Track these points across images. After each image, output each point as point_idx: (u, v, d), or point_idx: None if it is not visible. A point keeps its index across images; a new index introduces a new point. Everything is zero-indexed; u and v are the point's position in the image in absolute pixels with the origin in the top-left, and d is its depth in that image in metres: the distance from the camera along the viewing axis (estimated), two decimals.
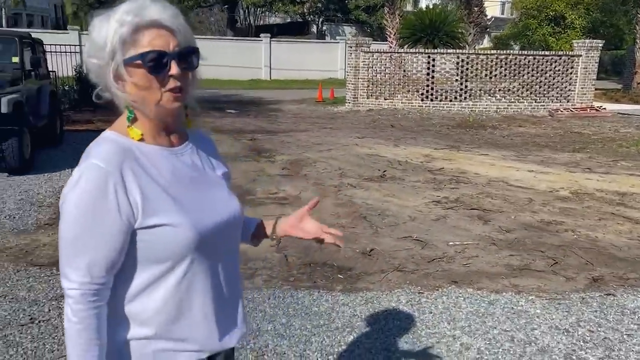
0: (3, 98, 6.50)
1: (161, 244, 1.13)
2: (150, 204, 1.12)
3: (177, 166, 1.20)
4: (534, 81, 15.24)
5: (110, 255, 1.11)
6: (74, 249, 1.10)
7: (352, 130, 11.60)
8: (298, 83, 25.64)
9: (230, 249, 1.29)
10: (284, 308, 3.42)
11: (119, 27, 1.10)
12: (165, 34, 1.13)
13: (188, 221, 1.14)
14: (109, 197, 1.09)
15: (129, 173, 1.11)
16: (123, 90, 1.14)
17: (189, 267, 1.17)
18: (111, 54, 1.11)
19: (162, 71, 1.12)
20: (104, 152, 1.12)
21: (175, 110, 1.18)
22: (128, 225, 1.11)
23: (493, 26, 35.61)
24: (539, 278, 4.00)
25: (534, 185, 6.90)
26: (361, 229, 5.08)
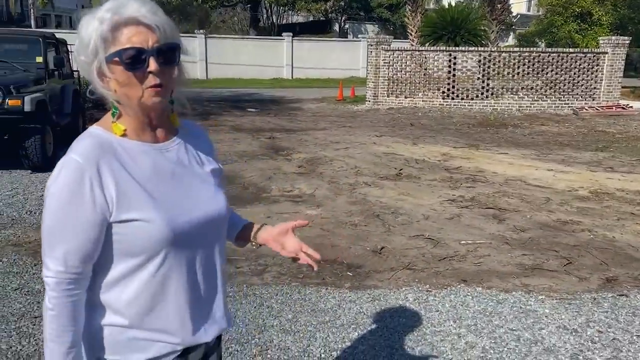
0: (27, 97, 6.67)
1: (134, 239, 1.16)
2: (125, 199, 1.14)
3: (158, 162, 1.22)
4: (558, 79, 14.98)
5: (85, 246, 1.14)
6: (52, 239, 1.15)
7: (371, 129, 11.58)
8: (320, 82, 25.67)
9: (211, 246, 1.29)
10: (290, 304, 3.45)
11: (100, 25, 1.13)
12: (144, 30, 1.14)
13: (162, 217, 1.16)
14: (85, 191, 1.12)
15: (106, 168, 1.14)
16: (107, 87, 1.17)
17: (163, 262, 1.19)
18: (94, 52, 1.14)
19: (140, 68, 1.14)
20: (83, 148, 1.16)
21: (157, 106, 1.19)
22: (103, 219, 1.14)
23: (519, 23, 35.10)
24: (550, 278, 3.95)
25: (552, 184, 6.79)
26: (373, 227, 5.08)
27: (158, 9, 1.17)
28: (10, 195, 5.85)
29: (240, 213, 1.56)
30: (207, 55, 26.50)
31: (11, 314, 3.25)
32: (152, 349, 1.21)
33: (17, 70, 7.45)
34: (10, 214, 5.24)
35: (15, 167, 6.94)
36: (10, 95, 6.57)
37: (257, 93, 20.00)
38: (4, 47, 8.08)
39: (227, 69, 26.34)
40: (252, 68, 26.73)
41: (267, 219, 5.25)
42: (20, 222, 4.99)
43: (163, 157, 1.24)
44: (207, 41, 26.69)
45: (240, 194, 6.16)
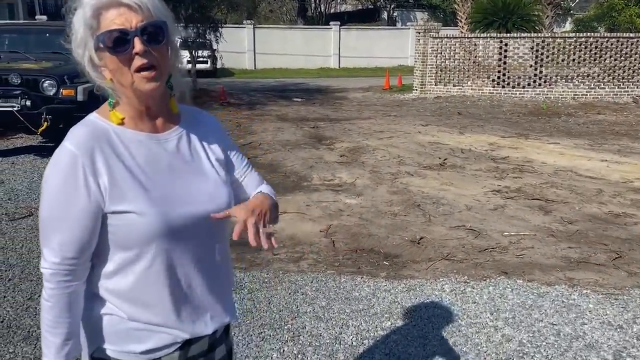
0: (79, 87, 6.94)
1: (127, 231, 1.13)
2: (117, 190, 1.12)
3: (155, 153, 1.18)
4: (618, 65, 14.24)
5: (80, 236, 1.12)
6: (48, 229, 1.14)
7: (417, 118, 11.40)
8: (367, 71, 25.47)
9: (210, 241, 1.24)
10: (325, 292, 3.45)
11: (82, 12, 1.10)
12: (125, 11, 1.09)
13: (155, 210, 1.13)
14: (78, 180, 1.10)
15: (100, 157, 1.12)
16: (101, 76, 1.15)
17: (158, 255, 1.16)
18: (83, 42, 1.12)
19: (125, 50, 1.09)
20: (78, 136, 1.13)
21: (153, 92, 1.14)
22: (97, 208, 1.12)
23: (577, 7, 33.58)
24: (597, 272, 3.78)
25: (605, 175, 6.49)
26: (413, 217, 5.01)
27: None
28: None
29: (280, 201, 1.50)
30: (255, 46, 26.75)
31: None
32: (151, 339, 1.20)
33: (71, 61, 7.69)
34: None
35: None
36: (64, 85, 6.85)
37: (303, 83, 20.05)
38: (59, 39, 8.38)
39: (274, 59, 26.51)
40: (299, 58, 26.80)
41: (306, 207, 5.27)
42: None
43: (161, 147, 1.20)
44: (255, 31, 26.92)
45: (281, 182, 6.21)
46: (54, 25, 9.29)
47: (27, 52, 7.69)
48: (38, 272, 3.71)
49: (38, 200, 4.45)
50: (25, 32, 8.86)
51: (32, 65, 7.23)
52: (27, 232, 4.51)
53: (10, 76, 6.74)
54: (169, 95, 1.22)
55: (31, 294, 3.40)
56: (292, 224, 4.80)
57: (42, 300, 1.16)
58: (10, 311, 3.19)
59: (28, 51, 7.75)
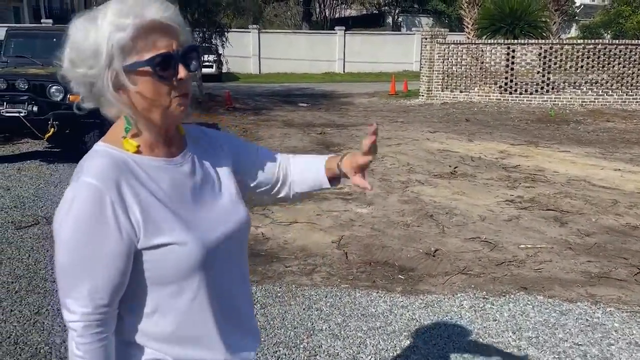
0: None
1: (166, 265, 1.05)
2: (152, 222, 1.03)
3: (177, 178, 1.11)
4: (626, 72, 14.14)
5: (112, 280, 1.02)
6: (74, 277, 1.01)
7: (424, 125, 11.31)
8: (372, 76, 25.41)
9: (238, 258, 1.20)
10: (340, 307, 3.35)
11: (116, 31, 0.99)
12: (167, 34, 1.02)
13: (194, 238, 1.06)
14: (108, 218, 1.00)
15: (127, 189, 1.02)
16: (123, 100, 1.04)
17: (200, 286, 1.08)
18: (107, 61, 1.00)
19: (171, 76, 1.03)
20: (97, 168, 1.02)
21: (182, 118, 1.08)
22: (130, 246, 1.02)
23: (582, 14, 33.52)
24: (619, 288, 3.67)
25: (619, 185, 6.38)
26: (426, 227, 4.91)
27: (176, 9, 1.05)
28: None
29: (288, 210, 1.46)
30: (260, 50, 26.72)
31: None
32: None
33: None
34: None
35: (75, 161, 7.13)
36: (71, 91, 6.77)
37: (308, 88, 19.99)
38: None
39: (279, 64, 26.48)
40: (304, 62, 26.75)
41: (317, 217, 5.18)
42: None
43: (179, 172, 1.12)
44: (260, 36, 26.90)
45: None
46: (61, 30, 9.25)
47: (34, 57, 7.63)
48: (45, 284, 3.63)
49: (45, 208, 4.35)
50: (32, 36, 8.81)
51: (39, 71, 7.17)
52: (33, 242, 4.43)
53: (17, 81, 6.67)
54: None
55: (38, 308, 3.31)
56: (303, 234, 4.71)
57: (73, 358, 1.03)
58: (17, 326, 3.10)
59: (35, 56, 7.69)
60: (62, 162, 7.26)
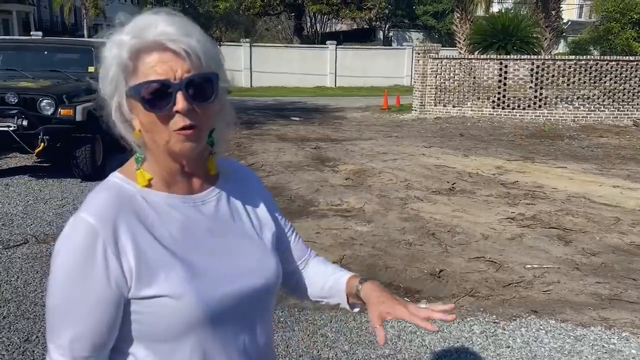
0: (78, 106, 6.71)
1: (158, 319, 0.91)
2: (147, 270, 0.90)
3: (192, 219, 0.98)
4: (617, 88, 14.23)
5: (96, 330, 0.90)
6: (56, 320, 0.91)
7: (419, 139, 11.25)
8: (363, 90, 25.43)
9: (261, 314, 1.05)
10: (346, 333, 3.21)
11: (118, 51, 0.90)
12: (171, 58, 0.89)
13: (193, 291, 0.91)
14: (97, 261, 0.89)
15: (125, 230, 0.91)
16: (129, 127, 0.95)
17: (197, 348, 0.94)
18: (113, 85, 0.92)
19: (164, 107, 0.89)
20: (98, 204, 0.93)
21: (189, 153, 0.93)
22: (119, 295, 0.90)
23: (569, 30, 33.96)
24: (632, 311, 3.57)
25: (620, 202, 6.32)
26: (429, 247, 4.79)
27: (193, 29, 0.92)
28: (60, 205, 5.85)
29: None
30: (251, 64, 26.69)
31: None
32: None
33: (70, 80, 7.53)
34: (59, 224, 5.21)
35: (66, 176, 6.99)
36: (62, 105, 6.62)
37: (300, 102, 19.93)
38: (57, 57, 8.21)
39: (271, 77, 26.44)
40: (295, 76, 26.75)
41: (316, 235, 5.05)
42: None
43: (197, 211, 0.99)
44: (252, 50, 26.89)
45: (287, 207, 5.98)
46: (52, 42, 9.10)
47: (24, 70, 7.46)
48: (36, 308, 3.45)
49: (34, 226, 4.16)
50: (22, 48, 8.65)
51: (29, 84, 7.00)
52: (22, 262, 4.24)
53: (6, 95, 6.49)
54: (209, 153, 1.01)
55: (28, 335, 3.13)
56: None
57: None
58: (5, 355, 2.92)
59: (25, 69, 7.52)
60: (52, 177, 7.07)
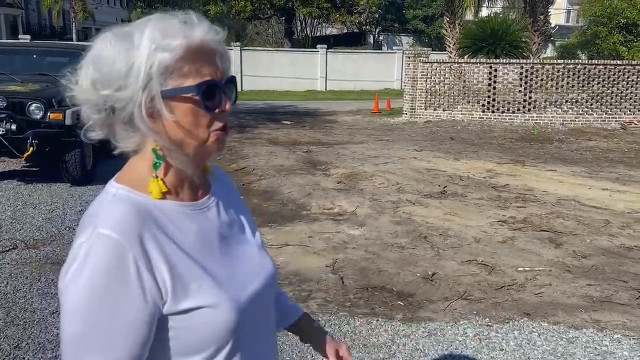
0: (68, 110, 6.65)
1: (196, 331, 0.89)
2: (180, 282, 0.87)
3: (204, 226, 0.97)
4: (605, 92, 14.38)
5: (130, 353, 0.84)
6: (84, 348, 0.83)
7: (410, 143, 11.28)
8: (354, 94, 25.48)
9: (267, 313, 1.08)
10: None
11: (158, 51, 0.85)
12: (212, 58, 0.91)
13: (227, 298, 0.91)
14: (131, 279, 0.83)
15: (152, 243, 0.86)
16: (156, 128, 0.89)
17: (233, 350, 0.95)
18: (144, 83, 0.85)
19: (215, 107, 0.91)
20: (118, 218, 0.86)
21: (215, 155, 0.96)
22: (155, 312, 0.86)
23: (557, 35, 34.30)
24: (623, 313, 3.60)
25: (609, 205, 6.38)
26: (421, 250, 4.80)
27: (221, 30, 0.94)
28: (50, 210, 5.79)
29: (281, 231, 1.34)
30: (242, 67, 26.64)
31: (48, 341, 3.10)
32: None
33: (59, 83, 7.43)
34: (49, 229, 5.16)
35: (55, 181, 6.92)
36: (52, 109, 6.56)
37: (291, 105, 19.91)
38: (47, 60, 8.14)
39: (261, 81, 26.40)
40: (286, 80, 26.73)
41: (309, 239, 5.03)
42: (59, 239, 4.90)
43: (205, 218, 0.98)
44: (242, 53, 26.84)
45: (280, 210, 5.97)
46: (41, 46, 9.03)
47: (13, 74, 7.39)
48: (25, 314, 3.41)
49: (23, 231, 4.11)
50: (10, 52, 8.57)
51: (18, 88, 6.93)
52: (11, 268, 4.19)
53: None
54: None
55: (18, 342, 3.09)
56: (296, 257, 4.56)
57: None
58: None
59: (14, 72, 7.45)
60: (41, 182, 7.00)
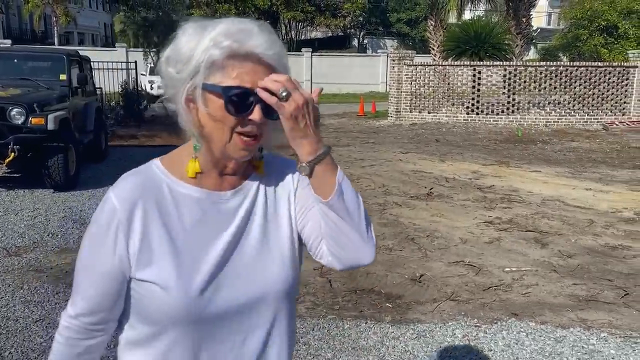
0: (50, 115, 6.56)
1: (148, 303, 0.98)
2: (147, 254, 0.96)
3: (211, 215, 1.00)
4: (587, 93, 14.59)
5: (98, 298, 1.00)
6: (75, 281, 1.03)
7: (395, 145, 11.32)
8: (339, 97, 25.51)
9: (260, 326, 1.02)
10: (329, 341, 3.19)
11: (212, 47, 0.92)
12: (261, 70, 0.93)
13: (182, 287, 0.94)
14: (108, 239, 0.97)
15: (140, 215, 0.96)
16: (191, 115, 0.96)
17: (180, 341, 0.97)
18: (192, 72, 0.93)
19: (241, 112, 0.93)
20: (124, 186, 0.99)
21: (242, 159, 0.99)
22: (123, 272, 0.98)
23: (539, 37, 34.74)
24: (609, 311, 3.63)
25: (593, 205, 6.45)
26: (409, 252, 4.81)
27: (283, 51, 0.97)
28: (32, 217, 5.70)
29: None
30: None
31: (31, 350, 3.04)
32: None
33: (41, 88, 7.37)
34: (31, 236, 5.07)
35: (37, 187, 6.81)
36: (33, 114, 6.46)
37: None
38: (28, 65, 8.03)
39: None
40: None
41: None
42: (42, 246, 4.82)
43: (219, 208, 1.00)
44: None
45: None
46: (22, 51, 8.91)
47: None
48: (8, 323, 3.34)
49: (5, 239, 4.07)
50: None
51: None
52: None
53: None
54: (258, 158, 1.05)
55: (1, 351, 3.02)
56: None
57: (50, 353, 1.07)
58: None
59: None
60: (24, 188, 6.88)
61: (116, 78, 14.58)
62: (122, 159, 8.74)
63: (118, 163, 8.42)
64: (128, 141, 11.12)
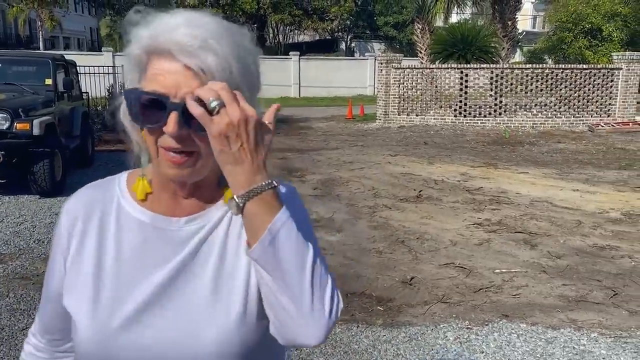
0: (35, 120, 6.48)
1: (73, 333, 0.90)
2: (73, 279, 0.86)
3: (150, 243, 0.84)
4: (572, 95, 14.73)
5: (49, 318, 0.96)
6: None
7: (384, 148, 11.34)
8: (327, 100, 25.55)
9: None
10: (320, 346, 3.16)
11: (135, 43, 0.79)
12: (180, 70, 0.75)
13: (93, 327, 0.82)
14: (56, 253, 0.91)
15: (78, 232, 0.88)
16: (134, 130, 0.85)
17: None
18: (128, 78, 0.82)
19: (153, 122, 0.76)
20: (75, 199, 0.93)
21: (179, 180, 0.82)
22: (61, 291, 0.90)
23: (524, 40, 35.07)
24: (598, 312, 3.65)
25: (581, 206, 6.50)
26: (399, 254, 4.80)
27: (223, 41, 0.76)
28: (18, 223, 5.61)
29: None
30: None
31: (17, 359, 2.98)
32: None
33: (26, 93, 7.28)
34: (17, 243, 5.00)
35: (23, 193, 6.72)
36: (18, 119, 6.37)
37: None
38: (13, 70, 7.93)
39: None
40: None
41: None
42: (28, 252, 4.75)
43: (162, 236, 0.84)
44: None
45: None
46: (7, 55, 8.80)
47: None
48: None
49: None
50: None
51: None
52: None
53: None
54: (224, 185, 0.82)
55: None
56: None
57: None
58: None
59: None
60: (9, 194, 6.78)
61: (103, 82, 14.47)
62: (109, 164, 8.66)
63: (105, 168, 8.33)
64: (115, 146, 10.99)
